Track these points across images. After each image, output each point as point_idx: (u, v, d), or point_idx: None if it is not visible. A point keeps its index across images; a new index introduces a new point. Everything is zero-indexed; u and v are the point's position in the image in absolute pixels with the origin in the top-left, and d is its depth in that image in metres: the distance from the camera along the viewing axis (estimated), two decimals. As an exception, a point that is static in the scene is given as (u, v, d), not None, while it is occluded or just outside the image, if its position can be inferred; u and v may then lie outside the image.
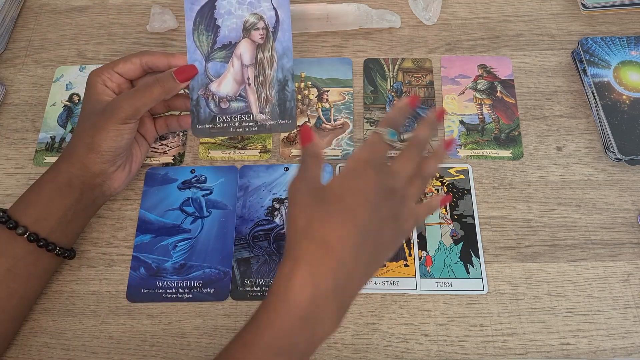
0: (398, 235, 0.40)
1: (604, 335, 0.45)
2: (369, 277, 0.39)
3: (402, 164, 0.40)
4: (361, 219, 0.37)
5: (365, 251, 0.37)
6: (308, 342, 0.35)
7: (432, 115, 0.44)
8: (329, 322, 0.36)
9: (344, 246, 0.36)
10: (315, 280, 0.35)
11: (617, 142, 0.51)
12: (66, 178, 0.44)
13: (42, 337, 0.47)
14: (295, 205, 0.38)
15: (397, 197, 0.39)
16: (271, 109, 0.48)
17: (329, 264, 0.35)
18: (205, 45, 0.48)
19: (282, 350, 0.35)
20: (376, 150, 0.40)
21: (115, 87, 0.47)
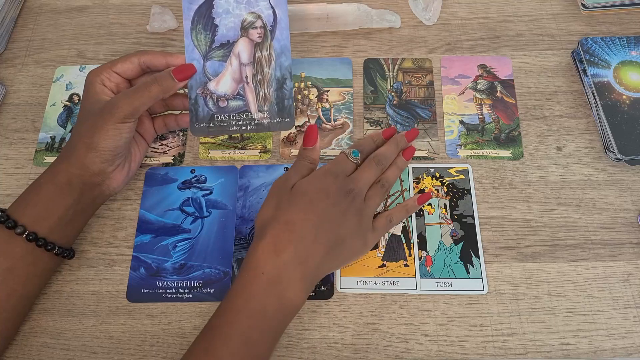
0: (365, 230, 0.46)
1: (604, 335, 0.45)
2: (335, 261, 0.44)
3: (360, 173, 0.47)
4: (320, 208, 0.43)
5: (324, 233, 0.43)
6: (277, 307, 0.41)
7: (402, 135, 0.51)
8: (294, 290, 0.41)
9: (304, 226, 0.42)
10: (277, 250, 0.41)
11: (617, 142, 0.51)
12: (65, 178, 0.44)
13: (42, 337, 0.47)
14: (271, 196, 0.45)
15: (357, 197, 0.45)
16: (269, 107, 0.48)
17: (290, 238, 0.42)
18: (203, 44, 0.48)
19: (253, 313, 0.40)
20: (340, 165, 0.47)
21: (113, 86, 0.47)
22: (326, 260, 0.43)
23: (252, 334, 0.40)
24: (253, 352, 0.40)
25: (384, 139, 0.51)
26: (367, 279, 0.48)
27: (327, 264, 0.43)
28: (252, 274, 0.41)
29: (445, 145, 0.54)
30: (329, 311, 0.47)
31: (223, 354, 0.39)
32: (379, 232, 0.47)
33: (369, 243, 0.46)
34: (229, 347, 0.39)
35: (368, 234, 0.46)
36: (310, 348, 0.46)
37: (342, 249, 0.44)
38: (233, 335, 0.39)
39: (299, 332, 0.46)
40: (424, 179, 0.53)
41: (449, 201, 0.51)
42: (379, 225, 0.47)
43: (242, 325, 0.40)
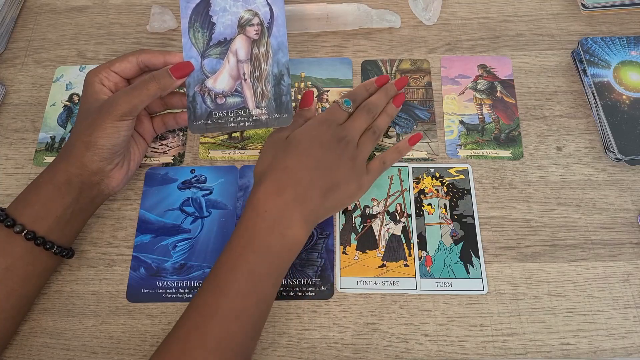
0: (360, 173, 0.48)
1: (604, 335, 0.45)
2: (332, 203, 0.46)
3: (352, 122, 0.49)
4: (315, 154, 0.46)
5: (320, 177, 0.45)
6: (281, 244, 0.43)
7: (391, 83, 0.54)
8: (296, 228, 0.43)
9: (301, 169, 0.45)
10: (277, 191, 0.44)
11: (617, 142, 0.51)
12: (64, 177, 0.44)
13: (42, 337, 0.47)
14: (266, 149, 0.48)
15: (350, 143, 0.48)
16: (267, 103, 0.48)
17: (288, 181, 0.44)
18: (200, 42, 0.48)
19: (258, 249, 0.42)
20: (332, 114, 0.49)
21: (112, 85, 0.47)
22: (324, 202, 0.45)
23: (258, 270, 0.42)
24: (258, 287, 0.42)
25: (376, 87, 0.53)
26: (367, 279, 0.48)
27: (325, 205, 0.45)
28: (254, 215, 0.43)
29: (445, 145, 0.54)
30: (329, 311, 0.47)
31: (229, 288, 0.41)
32: (373, 175, 0.49)
33: (364, 186, 0.48)
34: (235, 282, 0.41)
35: (363, 176, 0.48)
36: (310, 348, 0.46)
37: (338, 192, 0.46)
38: (239, 271, 0.41)
39: (299, 332, 0.46)
40: (424, 179, 0.53)
41: (449, 201, 0.51)
42: (373, 167, 0.49)
43: (248, 262, 0.42)
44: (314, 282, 0.48)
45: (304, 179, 0.44)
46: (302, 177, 0.45)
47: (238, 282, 0.41)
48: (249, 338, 0.41)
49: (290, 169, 0.45)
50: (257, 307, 0.41)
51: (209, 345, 0.39)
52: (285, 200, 0.43)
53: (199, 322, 0.40)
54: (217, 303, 0.40)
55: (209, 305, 0.40)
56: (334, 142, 0.47)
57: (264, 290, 0.42)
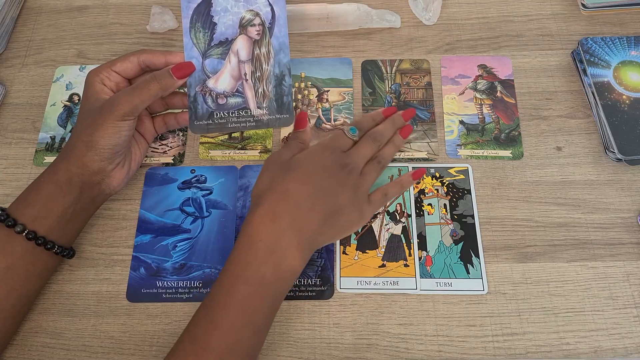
0: (361, 202, 0.46)
1: (604, 335, 0.45)
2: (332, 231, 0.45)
3: (357, 149, 0.48)
4: (316, 179, 0.44)
5: (320, 203, 0.43)
6: (275, 274, 0.41)
7: (399, 114, 0.53)
8: (292, 257, 0.42)
9: (300, 195, 0.43)
10: (273, 217, 0.42)
11: (617, 142, 0.51)
12: (65, 177, 0.44)
13: (42, 337, 0.47)
14: (265, 171, 0.46)
15: (353, 171, 0.46)
16: (269, 104, 0.48)
17: (285, 206, 0.42)
18: (202, 43, 0.48)
19: (251, 280, 0.41)
20: (337, 141, 0.48)
21: (113, 85, 0.47)
22: (323, 230, 0.44)
23: (251, 302, 0.40)
24: (252, 320, 0.40)
25: (383, 118, 0.53)
26: (367, 279, 0.48)
27: (324, 233, 0.44)
28: (248, 243, 0.42)
29: (445, 145, 0.54)
30: (329, 311, 0.47)
31: (222, 321, 0.39)
32: (374, 205, 0.48)
33: (365, 215, 0.47)
34: (227, 314, 0.40)
35: (364, 206, 0.47)
36: (310, 348, 0.46)
37: (339, 219, 0.45)
38: (232, 303, 0.40)
39: (299, 332, 0.46)
40: (424, 179, 0.53)
41: (449, 201, 0.51)
42: (375, 198, 0.48)
43: (240, 293, 0.40)
44: (314, 282, 0.48)
45: (303, 205, 0.43)
46: (301, 202, 0.43)
47: (231, 315, 0.39)
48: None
49: (289, 192, 0.43)
50: (250, 339, 0.40)
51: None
52: (282, 228, 0.42)
53: (192, 355, 0.39)
54: (210, 336, 0.39)
55: (202, 339, 0.39)
56: (337, 168, 0.46)
57: (257, 322, 0.41)
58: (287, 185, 0.43)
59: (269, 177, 0.45)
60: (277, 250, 0.41)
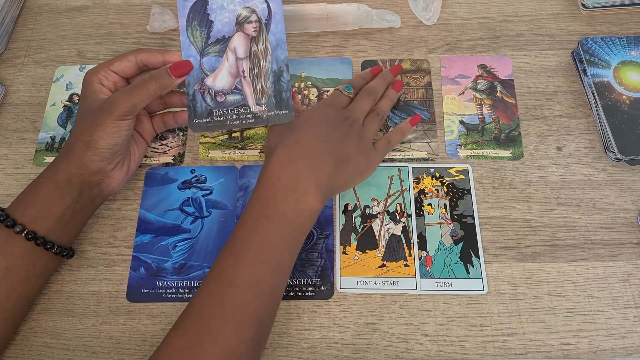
0: (368, 150, 0.49)
1: (604, 335, 0.45)
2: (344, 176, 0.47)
3: (355, 104, 0.51)
4: (323, 130, 0.47)
5: (331, 151, 0.45)
6: (295, 212, 0.43)
7: (387, 70, 0.56)
8: (310, 196, 0.43)
9: (311, 142, 0.45)
10: (291, 160, 0.44)
11: (617, 142, 0.51)
12: (65, 177, 0.44)
13: (42, 337, 0.47)
14: (272, 132, 0.48)
15: (355, 122, 0.49)
16: (267, 100, 0.48)
17: (300, 151, 0.44)
18: (199, 41, 0.48)
19: (272, 217, 0.42)
20: (335, 98, 0.51)
21: (111, 85, 0.47)
22: (336, 173, 0.45)
23: (273, 238, 0.42)
24: (274, 255, 0.41)
25: (372, 77, 0.55)
26: (367, 279, 0.48)
27: (337, 176, 0.46)
28: (268, 183, 0.43)
29: (445, 145, 0.54)
30: (329, 311, 0.47)
31: (245, 257, 0.41)
32: (379, 152, 0.50)
33: (373, 161, 0.49)
34: (250, 250, 0.41)
35: (371, 153, 0.49)
36: (310, 348, 0.46)
37: (349, 165, 0.47)
38: (254, 239, 0.41)
39: (299, 332, 0.46)
40: (424, 179, 0.53)
41: (449, 201, 0.51)
42: (380, 146, 0.51)
43: (262, 230, 0.42)
44: (314, 282, 0.48)
45: (315, 150, 0.45)
46: (313, 148, 0.45)
47: (253, 250, 0.41)
48: (266, 307, 0.41)
49: (301, 141, 0.45)
50: (272, 276, 0.41)
51: (225, 314, 0.39)
52: (299, 169, 0.43)
53: (215, 291, 0.40)
54: (232, 272, 0.40)
55: (225, 275, 0.40)
56: (340, 121, 0.48)
57: (279, 258, 0.42)
58: (298, 136, 0.46)
59: (278, 134, 0.47)
60: (296, 189, 0.43)
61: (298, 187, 0.43)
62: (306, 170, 0.44)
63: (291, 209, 0.42)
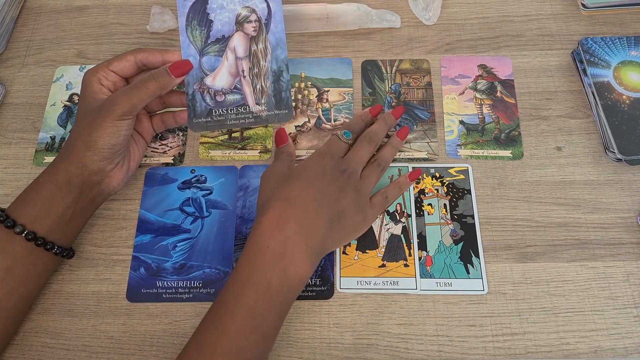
0: (364, 206, 0.47)
1: (604, 335, 0.45)
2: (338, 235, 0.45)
3: (354, 153, 0.49)
4: (318, 185, 0.44)
5: (325, 207, 0.44)
6: (282, 281, 0.41)
7: (389, 113, 0.53)
8: (299, 263, 0.42)
9: (305, 200, 0.43)
10: (281, 224, 0.42)
11: (617, 142, 0.51)
12: (65, 177, 0.44)
13: (42, 337, 0.47)
14: (266, 182, 0.47)
15: (352, 175, 0.47)
16: (267, 99, 0.48)
17: (291, 211, 0.43)
18: (199, 40, 0.48)
19: (258, 287, 0.40)
20: (332, 147, 0.48)
21: (110, 85, 0.47)
22: (329, 234, 0.44)
23: (258, 308, 0.40)
24: (259, 325, 0.40)
25: (372, 117, 0.53)
26: (367, 279, 0.48)
27: (330, 237, 0.44)
28: (256, 249, 0.42)
29: (445, 145, 0.54)
30: (329, 311, 0.47)
31: (230, 327, 0.39)
32: (376, 209, 0.48)
33: (369, 218, 0.47)
34: (235, 320, 0.39)
35: (367, 209, 0.47)
36: (310, 348, 0.46)
37: (344, 223, 0.45)
38: (239, 309, 0.40)
39: (299, 332, 0.46)
40: (424, 179, 0.53)
41: (449, 201, 0.51)
42: (376, 201, 0.48)
43: (247, 299, 0.40)
44: (314, 282, 0.48)
45: (308, 210, 0.43)
46: (306, 208, 0.43)
47: (238, 321, 0.39)
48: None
49: (293, 198, 0.43)
50: (257, 345, 0.40)
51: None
52: (289, 234, 0.42)
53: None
54: (216, 342, 0.39)
55: (209, 345, 0.39)
56: (337, 174, 0.46)
57: (265, 327, 0.40)
58: (291, 192, 0.44)
59: (270, 187, 0.45)
60: (284, 257, 0.41)
61: (286, 254, 0.41)
62: (296, 235, 0.42)
63: (278, 277, 0.41)
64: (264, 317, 0.40)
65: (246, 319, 0.40)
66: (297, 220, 0.42)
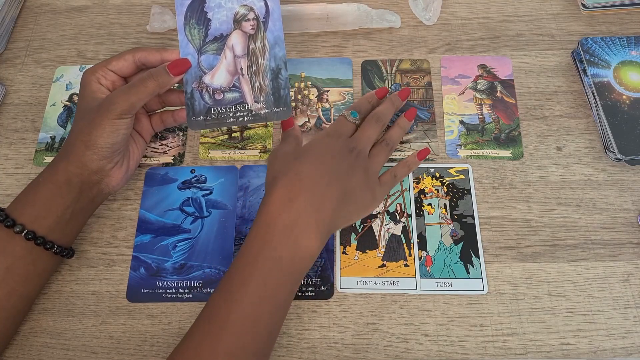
0: (373, 184, 0.47)
1: (604, 335, 0.45)
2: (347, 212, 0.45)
3: (362, 132, 0.49)
4: (328, 163, 0.44)
5: (334, 184, 0.43)
6: (293, 253, 0.41)
7: (395, 94, 0.53)
8: (310, 236, 0.41)
9: (314, 175, 0.43)
10: (291, 197, 0.42)
11: (617, 142, 0.51)
12: (64, 177, 0.44)
13: (42, 337, 0.47)
14: (274, 159, 0.46)
15: (361, 154, 0.47)
16: (266, 97, 0.48)
17: (302, 186, 0.42)
18: (197, 39, 0.48)
19: (269, 258, 0.40)
20: (340, 127, 0.48)
21: (109, 84, 0.47)
22: (339, 209, 0.44)
23: (270, 279, 0.40)
24: (271, 297, 0.40)
25: (378, 100, 0.53)
26: (367, 279, 0.48)
27: (340, 213, 0.44)
28: (266, 222, 0.42)
29: (445, 145, 0.54)
30: (329, 311, 0.47)
31: (242, 297, 0.39)
32: (385, 187, 0.49)
33: (378, 196, 0.47)
34: (247, 291, 0.39)
35: (376, 187, 0.47)
36: (310, 348, 0.46)
37: (353, 200, 0.45)
38: (251, 280, 0.40)
39: (299, 332, 0.46)
40: (424, 179, 0.53)
41: (449, 201, 0.51)
42: (385, 180, 0.49)
43: (259, 270, 0.40)
44: (314, 282, 0.48)
45: (318, 185, 0.43)
46: (316, 182, 0.43)
47: (250, 292, 0.39)
48: (264, 347, 0.40)
49: (303, 174, 0.43)
50: (270, 315, 0.40)
51: (221, 356, 0.38)
52: (299, 207, 0.42)
53: (211, 332, 0.39)
54: (229, 312, 0.39)
55: (221, 315, 0.39)
56: (345, 152, 0.46)
57: (277, 299, 0.40)
58: (301, 167, 0.44)
59: (279, 164, 0.45)
60: (295, 230, 0.41)
61: (297, 228, 0.41)
62: (307, 209, 0.42)
63: (289, 249, 0.41)
64: (276, 289, 0.40)
65: (258, 288, 0.40)
66: (308, 195, 0.42)
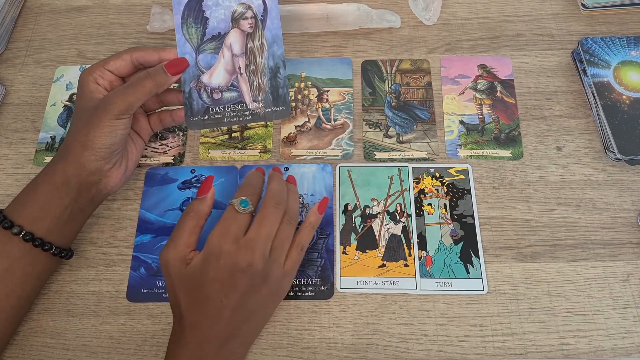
0: (276, 290, 0.43)
1: (604, 335, 0.45)
2: (255, 330, 0.44)
3: (256, 231, 0.42)
4: (219, 302, 0.40)
5: (238, 316, 0.41)
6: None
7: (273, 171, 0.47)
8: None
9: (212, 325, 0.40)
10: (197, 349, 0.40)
11: (617, 142, 0.51)
12: (63, 178, 0.44)
13: (42, 337, 0.47)
14: (168, 277, 0.42)
15: (259, 268, 0.41)
16: (264, 96, 0.48)
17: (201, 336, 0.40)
18: (194, 38, 0.48)
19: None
20: (230, 224, 0.42)
21: (107, 84, 0.47)
22: (239, 341, 0.42)
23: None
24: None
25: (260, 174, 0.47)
26: (367, 279, 0.48)
27: (245, 339, 0.43)
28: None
29: (445, 145, 0.54)
30: (329, 311, 0.47)
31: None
32: (292, 274, 0.44)
33: (285, 289, 0.44)
34: None
35: (280, 285, 0.43)
36: (310, 348, 0.46)
37: (255, 319, 0.43)
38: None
39: (299, 332, 0.46)
40: (424, 179, 0.53)
41: (449, 201, 0.51)
42: (290, 265, 0.44)
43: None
44: (314, 282, 0.48)
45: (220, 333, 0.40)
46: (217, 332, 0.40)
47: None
48: None
49: (196, 326, 0.40)
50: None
51: None
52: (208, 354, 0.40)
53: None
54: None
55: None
56: (240, 276, 0.40)
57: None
58: (194, 318, 0.40)
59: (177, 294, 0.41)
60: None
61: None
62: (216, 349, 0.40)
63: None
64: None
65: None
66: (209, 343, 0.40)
